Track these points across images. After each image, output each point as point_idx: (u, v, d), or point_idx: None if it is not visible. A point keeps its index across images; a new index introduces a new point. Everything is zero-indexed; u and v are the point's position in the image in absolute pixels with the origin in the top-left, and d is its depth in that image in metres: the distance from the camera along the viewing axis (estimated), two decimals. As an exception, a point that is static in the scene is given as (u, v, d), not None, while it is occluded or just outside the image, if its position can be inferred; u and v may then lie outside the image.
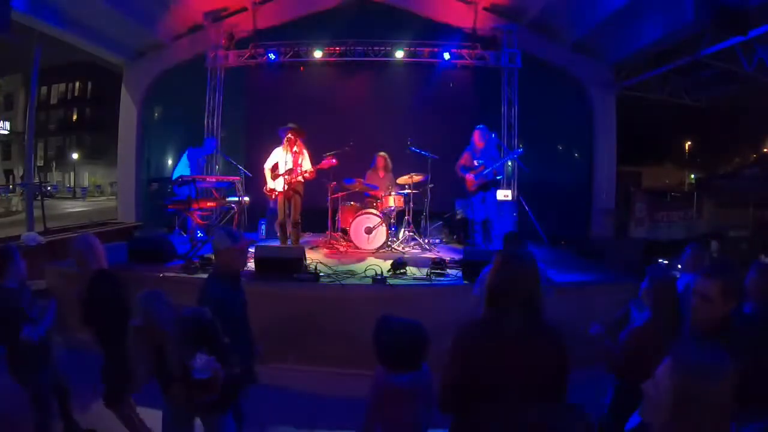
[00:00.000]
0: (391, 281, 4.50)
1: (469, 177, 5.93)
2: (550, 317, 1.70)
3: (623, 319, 2.86)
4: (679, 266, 3.32)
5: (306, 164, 5.77)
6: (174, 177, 6.54)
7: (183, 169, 6.75)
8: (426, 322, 2.08)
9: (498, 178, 6.23)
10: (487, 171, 5.81)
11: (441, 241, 7.13)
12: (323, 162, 5.83)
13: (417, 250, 6.25)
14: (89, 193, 34.90)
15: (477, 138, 5.90)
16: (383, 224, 6.07)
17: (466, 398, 1.61)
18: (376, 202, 6.44)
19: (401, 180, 6.51)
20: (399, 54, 8.13)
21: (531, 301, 1.63)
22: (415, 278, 4.69)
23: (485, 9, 8.45)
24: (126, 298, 2.68)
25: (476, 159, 5.89)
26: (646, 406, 1.19)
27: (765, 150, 23.41)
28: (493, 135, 6.15)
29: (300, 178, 5.73)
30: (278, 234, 5.93)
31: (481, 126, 5.98)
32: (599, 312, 3.39)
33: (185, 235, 6.70)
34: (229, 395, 2.18)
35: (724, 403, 1.08)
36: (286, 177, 5.67)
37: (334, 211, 6.56)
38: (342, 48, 8.19)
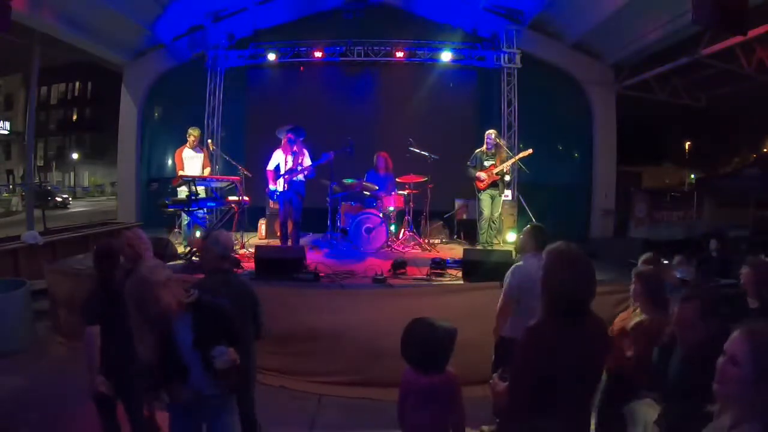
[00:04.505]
0: (391, 281, 4.50)
1: (481, 176, 6.15)
2: None
3: None
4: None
5: (306, 163, 5.77)
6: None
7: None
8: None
9: (507, 178, 6.45)
10: (497, 170, 6.11)
11: (441, 241, 7.12)
12: (321, 158, 5.83)
13: (417, 250, 6.25)
14: (88, 192, 34.84)
15: (488, 141, 6.21)
16: (383, 224, 6.07)
17: (537, 404, 1.50)
18: (376, 202, 6.44)
19: (401, 179, 6.51)
20: (399, 54, 8.12)
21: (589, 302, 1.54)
22: (415, 278, 4.68)
23: (485, 9, 8.43)
24: None
25: (486, 160, 6.18)
26: (723, 383, 1.19)
27: (765, 150, 23.40)
28: (493, 136, 6.31)
29: (301, 177, 5.72)
30: (278, 234, 5.93)
31: (492, 131, 6.32)
32: (598, 312, 3.39)
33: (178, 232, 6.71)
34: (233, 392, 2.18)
35: None
36: (287, 177, 5.67)
37: (334, 211, 6.55)
38: (342, 48, 8.19)
